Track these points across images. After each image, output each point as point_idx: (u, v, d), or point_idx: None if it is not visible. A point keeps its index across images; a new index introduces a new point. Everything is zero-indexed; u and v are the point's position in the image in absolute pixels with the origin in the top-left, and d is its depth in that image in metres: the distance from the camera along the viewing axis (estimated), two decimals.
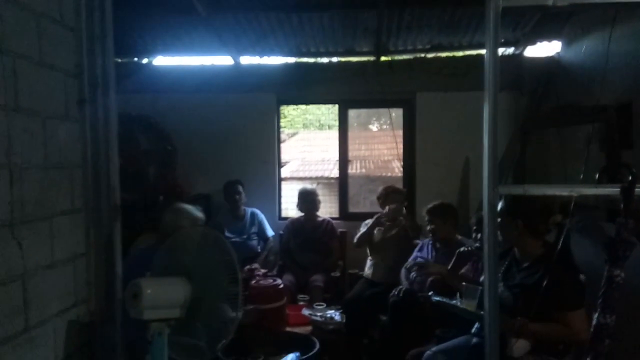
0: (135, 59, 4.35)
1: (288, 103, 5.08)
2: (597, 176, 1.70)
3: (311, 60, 4.38)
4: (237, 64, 4.28)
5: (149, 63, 4.38)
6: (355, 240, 3.63)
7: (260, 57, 4.30)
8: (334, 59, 4.39)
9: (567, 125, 3.20)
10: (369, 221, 3.61)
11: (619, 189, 1.56)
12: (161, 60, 4.40)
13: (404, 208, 3.55)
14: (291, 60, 4.35)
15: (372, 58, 4.26)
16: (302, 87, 4.28)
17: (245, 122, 4.27)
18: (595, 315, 1.55)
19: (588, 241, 2.28)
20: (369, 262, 3.60)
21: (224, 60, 4.33)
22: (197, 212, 2.82)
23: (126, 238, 2.12)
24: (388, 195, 3.62)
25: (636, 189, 1.55)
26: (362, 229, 3.62)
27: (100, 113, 1.76)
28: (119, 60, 4.23)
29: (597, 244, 2.16)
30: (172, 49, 4.23)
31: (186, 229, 1.99)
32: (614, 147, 2.48)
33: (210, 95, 4.24)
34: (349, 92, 4.35)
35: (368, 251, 3.62)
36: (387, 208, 3.45)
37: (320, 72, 4.31)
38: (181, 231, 1.90)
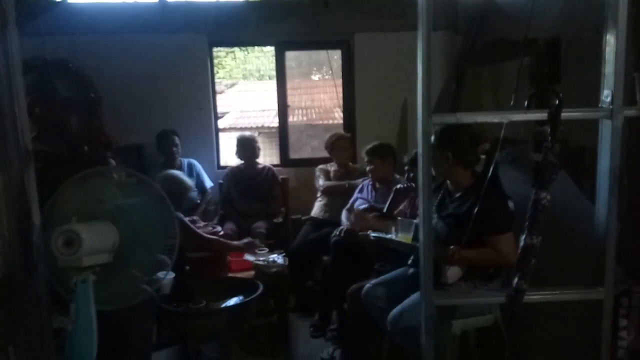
0: None
1: (221, 45, 4.79)
2: (526, 103, 1.73)
3: None
4: (162, 1, 3.96)
5: (63, 1, 3.96)
6: (321, 188, 3.67)
7: None
8: None
9: (499, 60, 3.25)
10: (323, 166, 3.75)
11: (546, 114, 1.60)
12: None
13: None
14: None
15: None
16: (236, 28, 4.04)
17: (176, 66, 4.00)
18: (523, 237, 1.62)
19: (517, 171, 2.37)
20: (318, 204, 3.64)
21: None
22: (186, 178, 2.72)
23: (50, 192, 1.96)
24: (334, 142, 3.66)
25: (562, 114, 1.60)
26: (318, 174, 3.71)
27: None
28: None
29: (526, 174, 2.25)
30: None
31: (112, 173, 1.84)
32: (542, 80, 2.55)
33: (135, 36, 3.92)
34: (285, 33, 4.17)
35: (318, 194, 3.69)
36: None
37: (254, 12, 4.08)
38: (106, 175, 1.77)
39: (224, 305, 2.38)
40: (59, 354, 1.67)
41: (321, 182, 3.66)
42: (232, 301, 2.42)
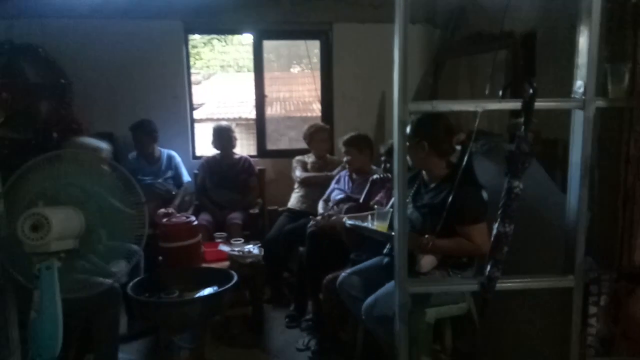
0: None
1: (197, 32, 4.69)
2: (500, 92, 1.74)
3: None
4: None
5: None
6: (299, 179, 3.63)
7: None
8: None
9: (476, 53, 3.27)
10: (300, 158, 3.73)
11: (520, 103, 1.61)
12: None
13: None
14: None
15: None
16: (213, 14, 3.96)
17: (150, 53, 3.90)
18: (495, 225, 1.63)
19: (492, 163, 2.39)
20: (295, 195, 3.62)
21: None
22: (101, 143, 2.61)
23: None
24: (312, 133, 3.64)
25: (535, 103, 1.61)
26: (295, 165, 3.69)
27: None
28: None
29: (500, 165, 2.27)
30: None
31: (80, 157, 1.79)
32: (518, 71, 2.57)
33: (107, 21, 3.79)
34: (263, 21, 4.11)
35: (296, 185, 3.66)
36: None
37: None
38: (75, 160, 1.72)
39: (197, 295, 2.34)
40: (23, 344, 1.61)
41: (298, 173, 3.64)
42: (206, 291, 2.38)
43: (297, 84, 9.69)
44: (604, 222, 1.79)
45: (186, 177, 3.87)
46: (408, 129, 1.97)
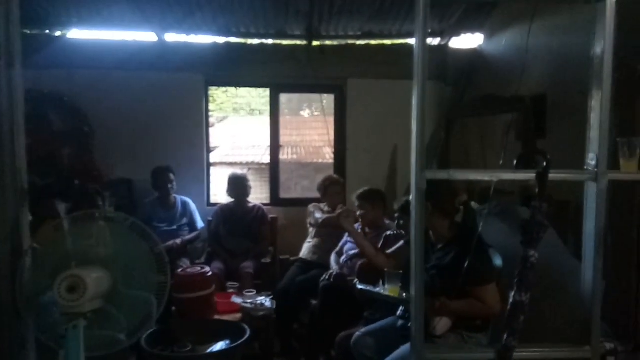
0: (47, 31, 3.98)
1: (217, 85, 4.90)
2: (515, 163, 1.80)
3: (241, 41, 4.24)
4: (161, 41, 4.05)
5: (63, 36, 4.02)
6: (319, 221, 3.63)
7: (187, 35, 4.10)
8: (265, 41, 4.28)
9: (487, 114, 3.37)
10: (316, 204, 3.78)
11: (534, 175, 1.67)
12: (77, 34, 4.06)
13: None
14: (220, 40, 4.18)
15: (304, 42, 4.22)
16: (232, 68, 4.14)
17: (171, 104, 4.06)
18: (512, 294, 1.65)
19: (504, 224, 2.42)
20: (307, 245, 3.64)
21: (147, 36, 4.08)
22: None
23: (37, 226, 1.95)
24: (327, 187, 3.72)
25: (549, 175, 1.67)
26: (312, 210, 3.73)
27: (3, 86, 1.58)
28: (28, 32, 3.84)
29: (512, 227, 2.30)
30: (89, 22, 3.91)
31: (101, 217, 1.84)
32: (529, 136, 2.64)
33: (132, 73, 3.97)
34: (280, 76, 4.28)
35: (311, 233, 3.68)
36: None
37: (250, 54, 4.20)
38: (96, 221, 1.77)
39: (210, 350, 2.34)
40: None
41: (318, 215, 3.66)
42: (219, 346, 2.38)
43: (308, 128, 9.88)
44: (617, 288, 1.80)
45: (200, 223, 3.92)
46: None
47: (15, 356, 1.61)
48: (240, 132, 10.21)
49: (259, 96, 10.83)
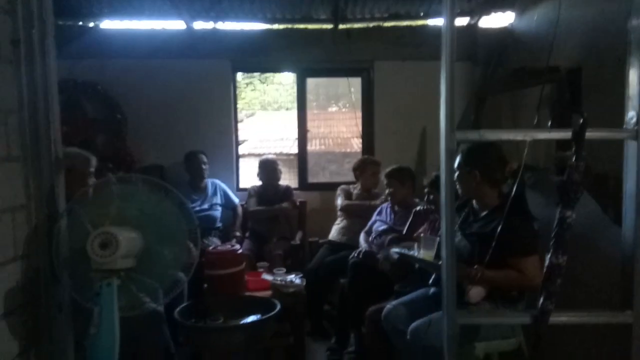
0: (80, 22, 4.09)
1: (244, 70, 4.95)
2: (549, 122, 1.75)
3: (267, 26, 4.26)
4: (190, 28, 4.11)
5: (96, 27, 4.13)
6: (340, 207, 3.67)
7: (215, 23, 4.14)
8: (291, 26, 4.28)
9: (519, 88, 3.27)
10: (345, 187, 3.78)
11: (570, 133, 1.61)
12: (109, 24, 4.16)
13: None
14: (247, 26, 4.21)
15: (330, 26, 4.20)
16: (259, 54, 4.17)
17: (200, 90, 4.12)
18: (548, 256, 1.60)
19: (539, 195, 2.35)
20: (336, 227, 3.64)
21: (176, 24, 4.14)
22: (85, 152, 2.72)
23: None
24: (365, 165, 3.69)
25: (587, 133, 1.60)
26: (339, 193, 3.73)
27: (37, 56, 1.63)
28: (62, 23, 3.96)
29: (548, 197, 2.23)
30: (120, 13, 4.00)
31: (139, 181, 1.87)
32: (563, 106, 2.55)
33: (162, 61, 4.05)
34: (306, 60, 4.28)
35: (340, 215, 3.68)
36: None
37: (277, 39, 4.21)
38: (130, 184, 1.81)
39: (241, 322, 2.36)
40: None
41: (340, 201, 3.66)
42: (250, 319, 2.40)
43: (336, 120, 9.90)
44: None
45: (235, 199, 4.01)
46: (458, 158, 1.98)
47: (53, 319, 1.66)
48: (268, 126, 10.30)
49: (286, 93, 10.92)
